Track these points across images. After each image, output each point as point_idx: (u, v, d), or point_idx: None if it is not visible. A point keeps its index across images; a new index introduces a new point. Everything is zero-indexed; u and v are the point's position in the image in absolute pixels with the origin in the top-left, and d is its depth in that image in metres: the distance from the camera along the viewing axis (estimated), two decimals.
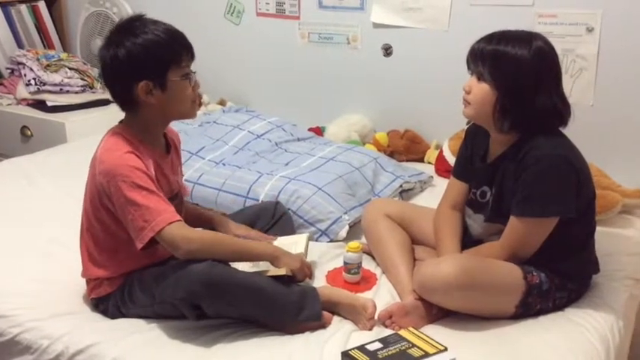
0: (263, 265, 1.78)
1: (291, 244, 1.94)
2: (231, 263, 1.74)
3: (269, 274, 1.73)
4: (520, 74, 1.73)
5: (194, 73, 1.75)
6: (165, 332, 1.69)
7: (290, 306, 1.68)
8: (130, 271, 1.78)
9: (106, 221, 1.74)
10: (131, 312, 1.76)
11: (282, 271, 1.72)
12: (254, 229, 2.04)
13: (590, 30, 2.54)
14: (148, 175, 1.67)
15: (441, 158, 2.79)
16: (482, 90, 1.77)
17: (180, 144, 1.97)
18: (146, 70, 1.67)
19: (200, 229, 1.86)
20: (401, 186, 2.54)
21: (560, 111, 1.77)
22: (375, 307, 1.73)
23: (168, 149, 1.85)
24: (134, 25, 1.69)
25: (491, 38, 1.77)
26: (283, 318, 1.69)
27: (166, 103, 1.71)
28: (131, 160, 1.66)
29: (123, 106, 1.76)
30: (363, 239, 2.13)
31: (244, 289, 1.64)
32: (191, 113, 1.79)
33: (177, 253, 1.66)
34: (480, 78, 1.78)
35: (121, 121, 1.79)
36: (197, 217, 1.99)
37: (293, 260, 1.77)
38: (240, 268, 1.76)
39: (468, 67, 1.81)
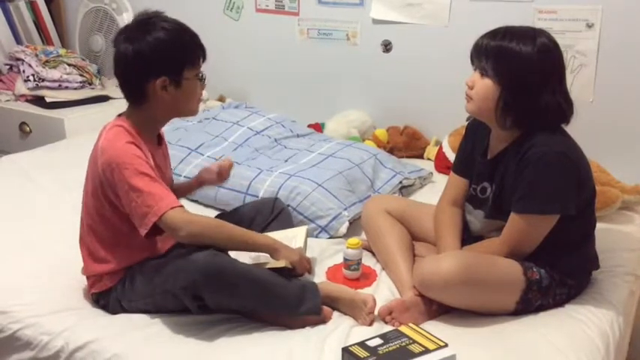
0: (262, 258, 1.78)
1: (290, 237, 1.94)
2: (230, 255, 1.74)
3: (268, 266, 1.74)
4: (524, 71, 1.72)
5: (204, 73, 1.80)
6: (166, 328, 1.69)
7: (290, 298, 1.68)
8: (131, 265, 1.78)
9: (107, 215, 1.75)
10: (132, 305, 1.76)
11: (281, 264, 1.72)
12: (253, 224, 2.03)
13: (590, 26, 2.54)
14: (149, 164, 1.70)
15: (440, 154, 2.79)
16: (485, 85, 1.77)
17: (164, 135, 1.98)
18: (166, 67, 1.71)
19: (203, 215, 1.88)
20: (400, 182, 2.53)
21: (563, 108, 1.77)
22: (375, 302, 1.73)
23: (159, 143, 1.88)
24: (154, 20, 1.72)
25: (495, 34, 1.76)
26: (283, 310, 1.69)
27: (178, 100, 1.75)
28: (133, 149, 1.69)
29: (131, 100, 1.78)
30: (363, 235, 2.13)
31: (245, 280, 1.65)
32: (196, 111, 1.85)
33: (178, 236, 1.68)
34: (483, 73, 1.77)
35: (119, 115, 1.80)
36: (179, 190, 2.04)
37: (292, 253, 1.77)
38: (240, 260, 1.76)
39: (472, 63, 1.81)
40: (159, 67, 1.70)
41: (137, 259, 1.78)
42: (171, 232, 1.68)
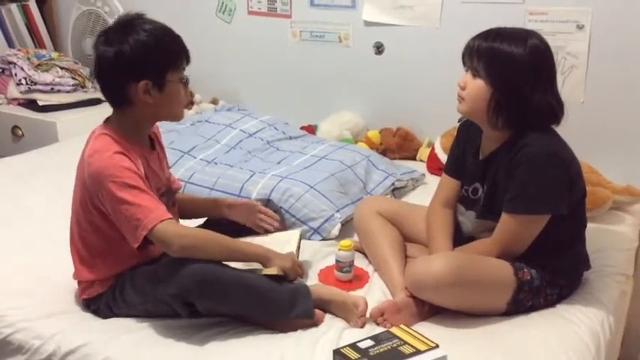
0: (255, 265, 1.77)
1: (284, 241, 1.93)
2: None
3: (260, 273, 1.73)
4: (515, 72, 1.73)
5: (188, 77, 1.77)
6: (157, 331, 1.68)
7: (282, 303, 1.67)
8: (123, 271, 1.77)
9: (97, 223, 1.73)
10: (123, 311, 1.75)
11: (273, 271, 1.71)
12: (245, 226, 2.03)
13: (580, 27, 2.55)
14: (138, 175, 1.66)
15: (433, 156, 2.79)
16: (477, 86, 1.77)
17: (160, 136, 1.96)
18: (148, 70, 1.67)
19: (192, 227, 1.86)
20: (393, 184, 2.54)
21: (555, 109, 1.78)
22: (366, 304, 1.73)
23: (153, 145, 1.85)
24: (136, 22, 1.69)
25: (487, 35, 1.77)
26: (275, 315, 1.69)
27: (161, 104, 1.71)
28: (120, 161, 1.65)
29: (113, 103, 1.75)
30: (355, 237, 2.14)
31: (236, 286, 1.64)
32: (180, 116, 1.82)
33: (170, 250, 1.65)
34: (475, 74, 1.78)
35: (106, 120, 1.77)
36: (193, 206, 2.02)
37: (284, 260, 1.76)
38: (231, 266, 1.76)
39: (464, 64, 1.82)
40: (140, 70, 1.66)
41: (129, 265, 1.76)
42: (163, 246, 1.65)
